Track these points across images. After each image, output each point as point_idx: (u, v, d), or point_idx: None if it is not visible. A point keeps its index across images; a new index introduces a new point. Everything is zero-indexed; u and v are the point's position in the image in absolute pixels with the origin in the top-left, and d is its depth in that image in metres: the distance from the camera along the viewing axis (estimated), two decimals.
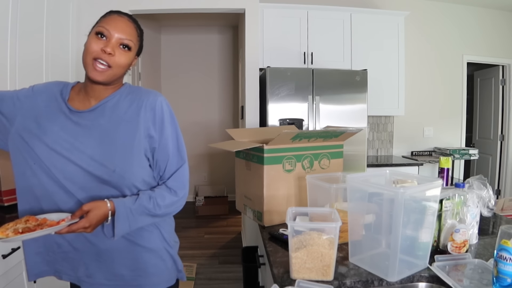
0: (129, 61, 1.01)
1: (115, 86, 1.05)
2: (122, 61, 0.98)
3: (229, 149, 1.43)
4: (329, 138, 1.51)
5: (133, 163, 0.98)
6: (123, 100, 1.02)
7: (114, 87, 1.04)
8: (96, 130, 0.97)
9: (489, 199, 1.22)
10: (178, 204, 1.05)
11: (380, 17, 3.44)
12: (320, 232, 0.98)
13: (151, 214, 0.99)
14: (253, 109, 3.12)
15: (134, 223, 0.97)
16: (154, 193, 1.00)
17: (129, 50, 0.99)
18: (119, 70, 0.99)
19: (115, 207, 0.94)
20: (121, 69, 0.99)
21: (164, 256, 1.09)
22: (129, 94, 1.04)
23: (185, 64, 5.19)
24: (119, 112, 1.00)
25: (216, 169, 5.35)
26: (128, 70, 1.05)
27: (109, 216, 0.94)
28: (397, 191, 0.90)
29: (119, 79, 1.03)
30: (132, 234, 1.02)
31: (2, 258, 1.41)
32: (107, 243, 1.00)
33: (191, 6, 3.00)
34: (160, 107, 1.02)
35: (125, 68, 1.01)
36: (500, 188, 4.38)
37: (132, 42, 0.99)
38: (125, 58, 0.99)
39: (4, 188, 1.67)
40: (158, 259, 1.07)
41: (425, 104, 4.01)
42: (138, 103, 1.01)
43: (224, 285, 2.77)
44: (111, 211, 0.93)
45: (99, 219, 0.92)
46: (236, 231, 4.00)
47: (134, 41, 1.00)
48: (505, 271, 0.84)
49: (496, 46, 4.15)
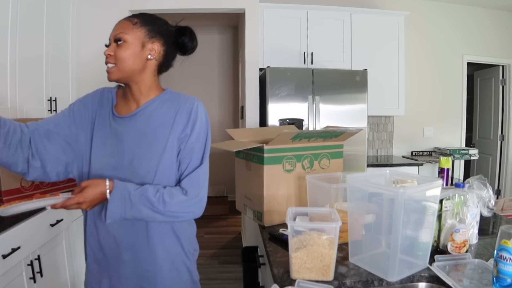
0: (130, 51, 0.98)
1: (152, 90, 1.05)
2: (120, 54, 0.98)
3: (229, 149, 1.43)
4: (329, 138, 1.51)
5: (166, 165, 1.00)
6: (162, 105, 1.04)
7: (153, 92, 1.05)
8: (134, 134, 1.00)
9: (489, 199, 1.22)
10: (188, 204, 0.99)
11: (380, 17, 3.44)
12: (320, 232, 0.98)
13: (153, 208, 0.94)
14: (253, 109, 3.11)
15: (130, 210, 0.93)
16: (163, 189, 0.97)
17: (125, 42, 0.98)
18: (124, 63, 0.98)
19: (113, 187, 0.92)
20: (125, 62, 0.98)
21: (180, 268, 1.07)
22: (168, 100, 1.06)
23: (185, 64, 5.15)
24: (157, 117, 1.02)
25: (216, 169, 5.33)
26: (151, 60, 1.03)
27: (107, 195, 0.92)
28: (397, 191, 0.90)
29: (137, 74, 1.02)
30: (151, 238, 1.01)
31: (2, 258, 1.41)
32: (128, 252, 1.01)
33: (191, 6, 3.00)
34: (195, 110, 1.03)
35: (131, 60, 0.99)
36: (500, 188, 4.38)
37: (123, 33, 0.98)
38: (123, 50, 0.98)
39: (4, 188, 1.67)
40: (173, 271, 1.05)
41: (425, 104, 4.01)
42: (176, 107, 1.03)
43: (224, 285, 2.77)
44: (110, 190, 0.92)
45: (95, 196, 0.91)
46: (236, 231, 4.00)
47: (126, 32, 0.99)
48: (505, 271, 0.83)
49: (496, 46, 4.15)
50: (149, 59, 1.02)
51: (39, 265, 1.66)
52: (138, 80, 1.03)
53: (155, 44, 1.03)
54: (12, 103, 1.98)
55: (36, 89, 2.24)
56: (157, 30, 1.03)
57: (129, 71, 1.00)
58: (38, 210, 1.72)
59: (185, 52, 1.15)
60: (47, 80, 2.33)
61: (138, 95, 1.04)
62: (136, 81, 1.03)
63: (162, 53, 1.05)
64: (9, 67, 1.95)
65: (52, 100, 2.36)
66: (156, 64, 1.05)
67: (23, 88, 2.09)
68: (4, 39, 1.92)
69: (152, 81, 1.06)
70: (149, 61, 1.03)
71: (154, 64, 1.05)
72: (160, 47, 1.04)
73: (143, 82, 1.04)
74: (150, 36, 1.02)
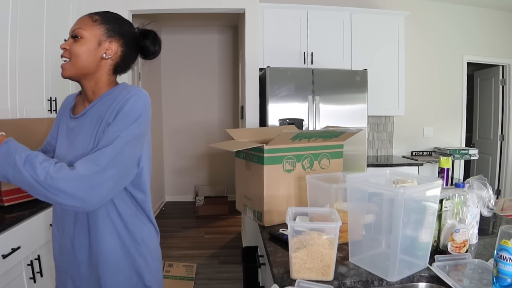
0: (85, 48, 0.97)
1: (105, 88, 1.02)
2: (75, 50, 0.96)
3: (229, 149, 1.43)
4: (329, 138, 1.51)
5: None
6: (106, 101, 0.99)
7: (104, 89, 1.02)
8: (84, 133, 0.98)
9: (489, 199, 1.22)
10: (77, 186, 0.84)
11: (380, 17, 3.44)
12: (320, 232, 0.98)
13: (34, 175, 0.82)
14: (253, 109, 3.12)
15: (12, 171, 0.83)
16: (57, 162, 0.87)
17: (81, 38, 0.97)
18: (77, 59, 0.97)
19: (4, 142, 0.86)
20: (79, 58, 0.97)
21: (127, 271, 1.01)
22: (114, 94, 1.00)
23: (185, 64, 5.19)
24: (100, 113, 0.98)
25: (216, 169, 5.35)
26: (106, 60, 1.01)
27: None
28: (397, 191, 0.90)
29: (91, 72, 1.00)
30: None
31: (2, 258, 1.41)
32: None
33: (191, 6, 3.00)
34: (124, 101, 0.94)
35: (85, 56, 0.97)
36: (500, 188, 4.38)
37: (81, 29, 0.97)
38: (78, 46, 0.96)
39: (4, 188, 1.67)
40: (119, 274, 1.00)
41: (425, 104, 4.01)
42: (115, 100, 0.96)
43: (224, 285, 2.77)
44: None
45: None
46: (236, 231, 4.00)
47: (85, 28, 0.98)
48: (505, 271, 0.83)
49: (496, 46, 4.15)
50: (104, 58, 1.00)
51: (39, 265, 1.66)
52: (91, 79, 1.01)
53: (113, 44, 1.00)
54: (12, 103, 1.98)
55: (36, 89, 2.24)
56: (117, 30, 1.01)
57: (82, 68, 0.98)
58: (38, 210, 1.72)
59: (146, 56, 1.11)
60: (47, 80, 2.33)
61: (91, 95, 1.02)
62: (89, 79, 1.01)
63: (119, 53, 1.02)
64: (9, 67, 1.95)
65: (52, 100, 2.36)
66: (112, 64, 1.02)
67: (23, 88, 2.09)
68: (4, 39, 1.92)
69: (106, 81, 1.03)
70: (104, 60, 1.00)
71: (109, 63, 1.02)
72: (118, 47, 1.01)
73: (96, 81, 1.01)
74: (109, 35, 1.00)
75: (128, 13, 2.89)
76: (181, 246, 3.56)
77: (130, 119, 0.93)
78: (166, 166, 5.30)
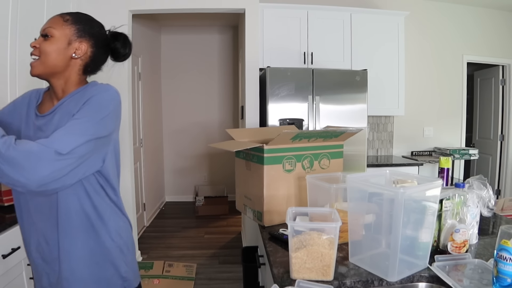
0: (55, 46, 0.98)
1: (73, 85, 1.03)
2: (45, 48, 0.98)
3: (229, 149, 1.43)
4: (329, 138, 1.51)
5: None
6: (77, 98, 1.00)
7: (73, 87, 1.03)
8: (50, 130, 0.97)
9: (489, 199, 1.22)
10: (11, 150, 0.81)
11: (380, 17, 3.44)
12: (320, 232, 0.98)
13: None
14: (253, 109, 3.12)
15: None
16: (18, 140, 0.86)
17: (51, 37, 0.99)
18: (46, 58, 0.98)
19: None
20: (48, 56, 0.98)
21: (102, 263, 1.02)
22: (83, 91, 1.00)
23: (185, 64, 5.19)
24: (70, 109, 0.97)
25: (216, 169, 5.35)
26: (76, 59, 1.02)
27: None
28: (397, 191, 0.90)
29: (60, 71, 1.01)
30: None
31: (2, 258, 1.41)
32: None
33: (191, 6, 3.00)
34: (90, 96, 0.95)
35: (54, 55, 0.98)
36: (500, 188, 4.38)
37: (51, 28, 0.99)
38: (48, 45, 0.98)
39: (4, 188, 1.68)
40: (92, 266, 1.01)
41: (425, 104, 4.01)
42: (84, 95, 0.97)
43: (224, 285, 2.77)
44: None
45: None
46: (236, 231, 4.00)
47: (55, 27, 1.00)
48: (505, 271, 0.84)
49: (496, 46, 4.15)
50: (74, 58, 1.02)
51: None
52: (60, 77, 1.02)
53: (83, 44, 1.02)
54: None
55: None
56: (87, 30, 1.03)
57: (51, 67, 0.99)
58: None
59: (116, 58, 1.12)
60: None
61: (60, 93, 1.03)
62: (58, 78, 1.02)
63: (89, 54, 1.04)
64: (9, 67, 1.95)
65: None
66: (82, 64, 1.04)
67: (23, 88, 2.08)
68: (4, 39, 1.92)
69: (76, 80, 1.04)
70: (73, 60, 1.02)
71: (79, 63, 1.03)
72: (87, 47, 1.03)
73: (66, 80, 1.02)
74: (79, 35, 1.02)
75: (128, 13, 2.89)
76: (181, 246, 3.57)
77: (94, 110, 0.93)
78: (166, 166, 5.30)
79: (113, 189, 1.05)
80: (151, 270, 2.84)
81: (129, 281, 1.08)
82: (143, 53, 4.22)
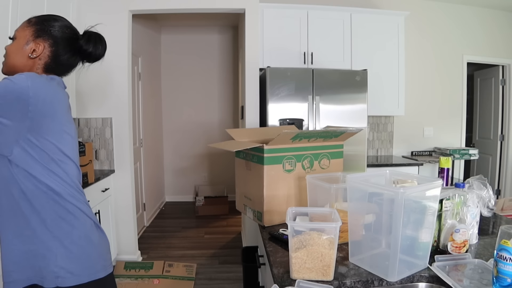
0: (14, 47, 1.05)
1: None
2: (7, 49, 1.06)
3: (229, 149, 1.43)
4: (329, 138, 1.51)
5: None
6: None
7: None
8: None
9: (489, 199, 1.22)
10: None
11: (380, 17, 3.44)
12: (320, 232, 0.98)
13: None
14: (253, 109, 3.12)
15: None
16: None
17: (15, 39, 1.06)
18: (8, 58, 1.06)
19: None
20: (9, 56, 1.05)
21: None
22: None
23: (185, 64, 5.19)
24: None
25: (216, 169, 5.35)
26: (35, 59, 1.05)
27: None
28: (397, 191, 0.90)
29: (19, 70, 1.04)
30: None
31: None
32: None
33: (191, 6, 3.00)
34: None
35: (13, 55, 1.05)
36: (500, 188, 4.38)
37: (16, 30, 1.07)
38: (10, 46, 1.07)
39: None
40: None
41: (425, 104, 4.01)
42: None
43: (224, 285, 2.77)
44: None
45: None
46: (236, 231, 4.00)
47: (19, 29, 1.07)
48: (505, 271, 0.84)
49: (496, 46, 4.15)
50: (31, 58, 1.05)
51: None
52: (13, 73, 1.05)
53: (40, 44, 1.05)
54: None
55: None
56: (46, 30, 1.06)
57: (11, 66, 1.05)
58: None
59: (87, 58, 1.13)
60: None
61: None
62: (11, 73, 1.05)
63: (47, 53, 1.06)
64: None
65: None
66: (42, 63, 1.07)
67: None
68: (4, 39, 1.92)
69: None
70: (33, 60, 1.05)
71: (39, 63, 1.06)
72: (46, 47, 1.06)
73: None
74: (37, 35, 1.05)
75: (128, 13, 2.89)
76: (181, 246, 3.57)
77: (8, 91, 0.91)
78: (166, 166, 5.30)
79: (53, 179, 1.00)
80: (151, 270, 2.85)
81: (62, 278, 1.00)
82: (143, 53, 4.22)
